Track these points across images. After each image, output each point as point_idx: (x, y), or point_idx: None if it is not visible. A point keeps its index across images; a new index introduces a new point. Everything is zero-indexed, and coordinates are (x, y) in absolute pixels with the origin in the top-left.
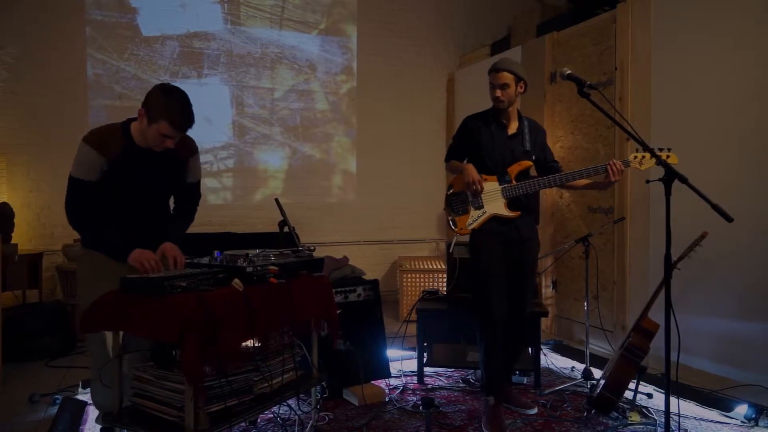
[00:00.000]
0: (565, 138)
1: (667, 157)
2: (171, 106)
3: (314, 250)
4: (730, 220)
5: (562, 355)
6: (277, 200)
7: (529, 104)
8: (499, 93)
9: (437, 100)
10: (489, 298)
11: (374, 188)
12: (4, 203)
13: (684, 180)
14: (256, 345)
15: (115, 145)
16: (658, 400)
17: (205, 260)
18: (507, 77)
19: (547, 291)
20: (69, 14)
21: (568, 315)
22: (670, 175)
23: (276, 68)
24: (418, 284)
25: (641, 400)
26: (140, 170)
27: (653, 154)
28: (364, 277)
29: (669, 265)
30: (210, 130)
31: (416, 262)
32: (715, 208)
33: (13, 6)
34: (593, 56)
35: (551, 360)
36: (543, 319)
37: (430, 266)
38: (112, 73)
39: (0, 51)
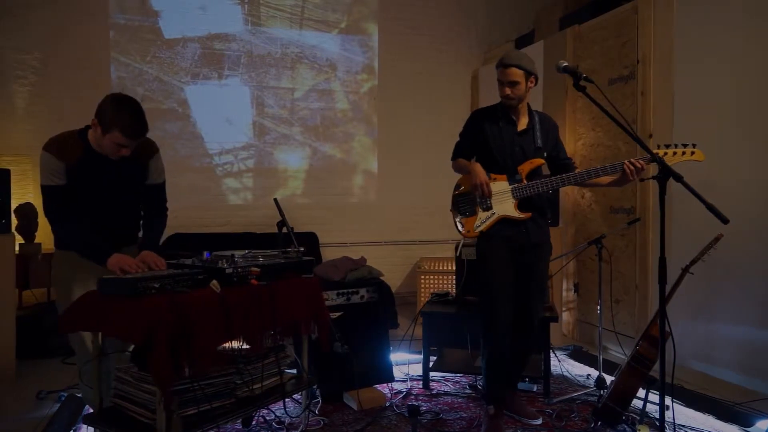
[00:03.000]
0: (587, 135)
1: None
2: (123, 116)
3: (304, 250)
4: (725, 221)
5: (579, 361)
6: (276, 200)
7: (550, 101)
8: (508, 91)
9: (461, 97)
10: (495, 305)
11: (396, 188)
12: (27, 203)
13: (679, 178)
14: (236, 347)
15: (73, 151)
16: (674, 412)
17: (189, 261)
18: (516, 74)
19: (568, 294)
20: (93, 18)
21: (590, 320)
22: (665, 174)
23: (296, 68)
24: (435, 286)
25: (655, 411)
26: (100, 175)
27: (649, 152)
28: (379, 278)
29: (663, 268)
30: (230, 130)
31: (435, 264)
32: (710, 208)
33: (39, 11)
34: (614, 49)
35: (567, 366)
36: (564, 324)
37: (448, 268)
38: (135, 75)
39: (27, 55)
